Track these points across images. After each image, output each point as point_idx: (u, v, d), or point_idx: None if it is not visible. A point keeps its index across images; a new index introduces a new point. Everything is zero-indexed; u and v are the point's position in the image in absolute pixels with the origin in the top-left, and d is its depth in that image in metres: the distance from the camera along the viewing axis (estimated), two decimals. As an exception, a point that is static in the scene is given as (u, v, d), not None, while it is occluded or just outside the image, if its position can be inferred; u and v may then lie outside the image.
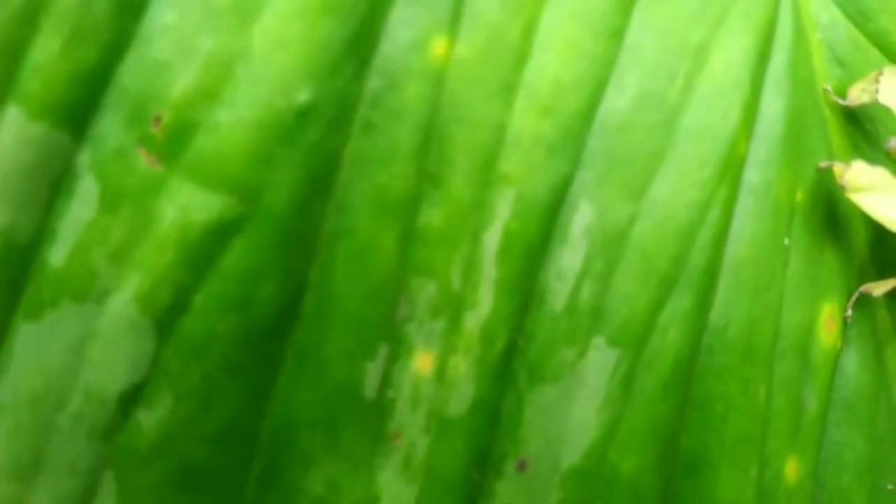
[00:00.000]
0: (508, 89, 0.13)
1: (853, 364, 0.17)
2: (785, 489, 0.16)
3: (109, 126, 0.12)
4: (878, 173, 0.15)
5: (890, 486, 0.17)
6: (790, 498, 0.16)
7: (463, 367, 0.14)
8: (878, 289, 0.16)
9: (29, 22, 0.11)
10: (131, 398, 0.12)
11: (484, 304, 0.14)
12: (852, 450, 0.17)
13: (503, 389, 0.14)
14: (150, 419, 0.12)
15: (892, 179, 0.15)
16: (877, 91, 0.16)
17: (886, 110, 0.16)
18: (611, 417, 0.14)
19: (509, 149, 0.13)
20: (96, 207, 0.12)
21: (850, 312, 0.16)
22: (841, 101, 0.16)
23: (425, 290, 0.13)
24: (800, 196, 0.16)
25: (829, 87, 0.16)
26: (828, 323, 0.16)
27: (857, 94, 0.16)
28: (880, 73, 0.16)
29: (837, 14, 0.17)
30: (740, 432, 0.15)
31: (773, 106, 0.16)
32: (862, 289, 0.16)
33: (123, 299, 0.12)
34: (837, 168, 0.15)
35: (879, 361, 0.17)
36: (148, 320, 0.12)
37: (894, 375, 0.18)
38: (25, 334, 0.12)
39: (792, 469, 0.16)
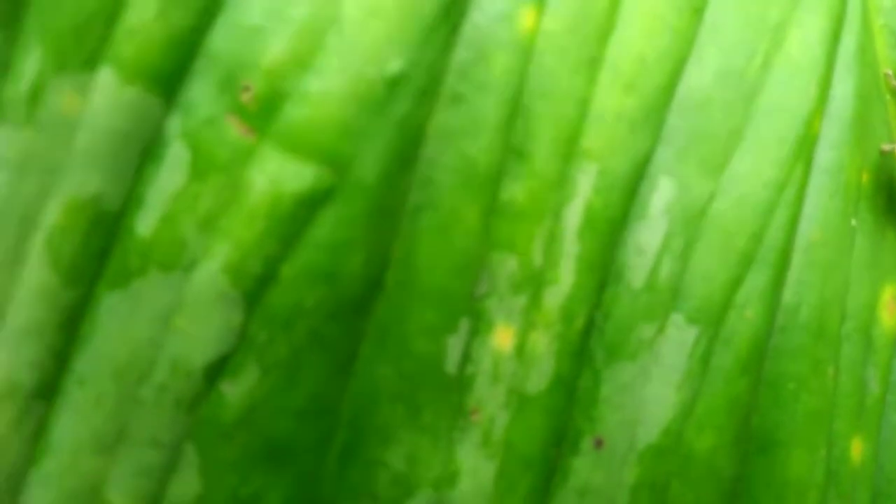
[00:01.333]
0: (593, 64, 0.13)
1: (912, 347, 0.16)
2: (850, 469, 0.15)
3: (200, 93, 0.11)
4: None
5: (945, 469, 0.17)
6: (855, 478, 0.15)
7: (542, 343, 0.13)
8: None
9: (126, -17, 0.10)
10: (217, 370, 0.12)
11: (564, 281, 0.13)
12: (910, 432, 0.16)
13: (581, 367, 0.13)
14: (235, 391, 0.12)
15: None
16: None
17: None
18: (688, 395, 0.14)
19: (592, 124, 0.13)
20: (186, 175, 0.11)
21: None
22: None
23: (506, 266, 0.13)
24: (865, 178, 0.15)
25: (889, 72, 0.16)
26: (889, 305, 0.16)
27: None
28: None
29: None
30: (811, 412, 0.15)
31: (843, 87, 0.15)
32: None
33: (212, 269, 0.11)
34: None
35: (937, 345, 0.17)
36: (236, 291, 0.11)
37: (951, 358, 0.17)
38: (111, 304, 0.11)
39: (857, 450, 0.15)
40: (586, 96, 0.13)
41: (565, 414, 0.13)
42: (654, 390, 0.13)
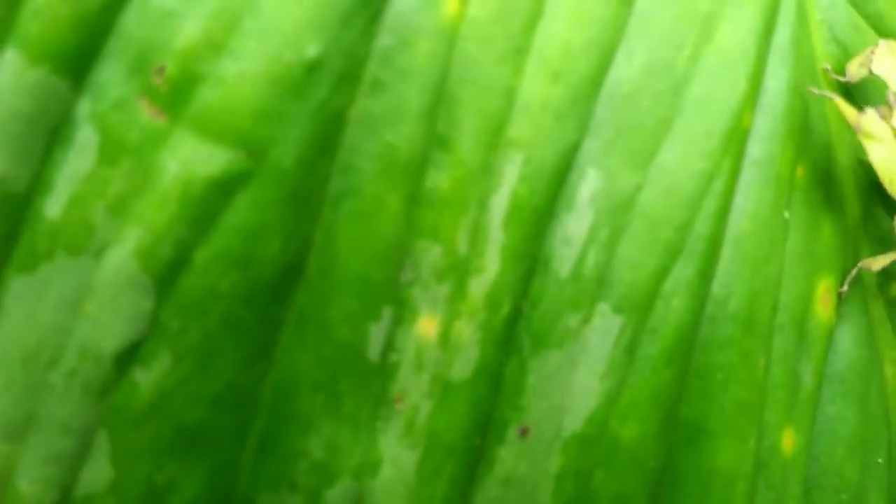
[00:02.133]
0: (519, 52, 0.13)
1: (846, 340, 0.16)
2: (781, 460, 0.15)
3: (111, 75, 0.11)
4: (885, 128, 0.15)
5: (880, 461, 0.17)
6: (786, 469, 0.15)
7: (467, 332, 0.13)
8: (876, 264, 0.15)
9: (29, -39, 0.10)
10: (128, 356, 0.12)
11: (490, 269, 0.13)
12: (845, 424, 0.16)
13: (507, 355, 0.13)
14: (146, 378, 0.12)
15: (893, 139, 0.15)
16: (871, 62, 0.15)
17: (881, 90, 0.16)
18: (613, 384, 0.13)
19: (518, 113, 0.13)
20: (95, 158, 0.11)
21: (846, 288, 0.16)
22: (840, 78, 0.16)
23: (431, 254, 0.13)
24: (800, 172, 0.15)
25: (828, 66, 0.16)
26: (824, 298, 0.16)
27: (856, 70, 0.15)
28: (875, 47, 0.15)
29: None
30: (740, 402, 0.15)
31: (776, 80, 0.15)
32: (861, 264, 0.15)
33: (122, 254, 0.11)
34: (849, 112, 0.15)
35: (871, 338, 0.17)
36: (147, 276, 0.11)
37: (885, 352, 0.17)
38: (18, 287, 0.11)
39: (788, 441, 0.15)
40: (512, 85, 0.13)
41: (490, 402, 0.13)
42: (579, 379, 0.13)
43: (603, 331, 0.13)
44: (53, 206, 0.11)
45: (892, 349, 0.17)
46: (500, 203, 0.13)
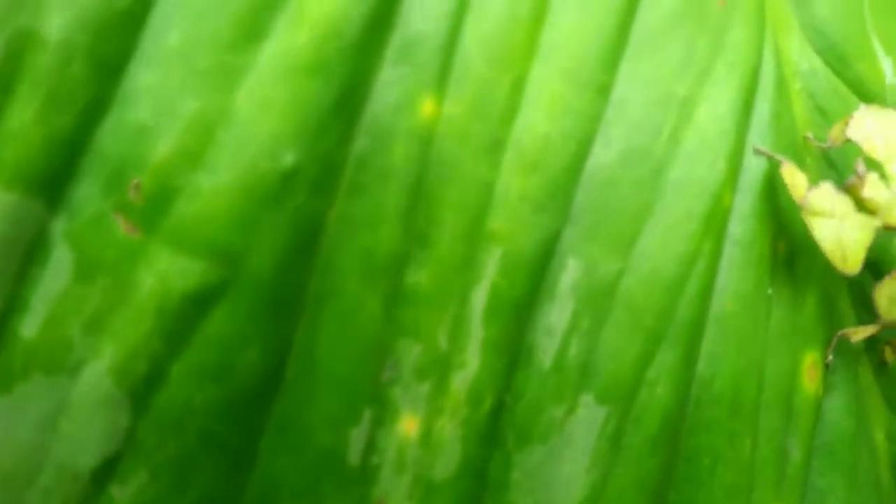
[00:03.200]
0: (497, 146, 0.13)
1: (836, 410, 0.17)
2: (771, 540, 0.16)
3: (86, 192, 0.11)
4: (843, 201, 0.15)
5: (871, 531, 0.17)
6: (776, 549, 0.16)
7: (449, 429, 0.13)
8: (857, 334, 0.16)
9: (3, 88, 0.10)
10: (105, 473, 0.12)
11: (471, 364, 0.13)
12: (835, 496, 0.17)
13: (491, 451, 0.14)
14: (123, 495, 0.12)
15: (852, 213, 0.15)
16: (847, 126, 0.16)
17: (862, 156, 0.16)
18: (599, 476, 0.14)
19: (497, 206, 0.13)
20: (71, 277, 0.11)
21: (830, 358, 0.16)
22: (822, 145, 0.16)
23: (412, 352, 0.13)
24: (781, 247, 0.16)
25: (810, 135, 0.16)
26: (810, 371, 0.16)
27: (837, 135, 0.16)
28: (852, 115, 0.16)
29: (817, 62, 0.17)
30: (728, 485, 0.15)
31: (756, 157, 0.16)
32: (840, 333, 0.16)
33: (98, 371, 0.11)
34: (797, 187, 0.15)
35: (860, 407, 0.17)
36: (123, 392, 0.12)
37: (875, 421, 0.18)
38: (-6, 408, 0.12)
39: (777, 520, 0.16)
40: (490, 179, 0.13)
41: (475, 499, 0.14)
42: (565, 472, 0.14)
43: (587, 422, 0.14)
44: (29, 326, 0.11)
45: (881, 416, 0.18)
46: (480, 297, 0.13)
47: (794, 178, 0.15)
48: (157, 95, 0.11)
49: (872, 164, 0.16)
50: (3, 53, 0.10)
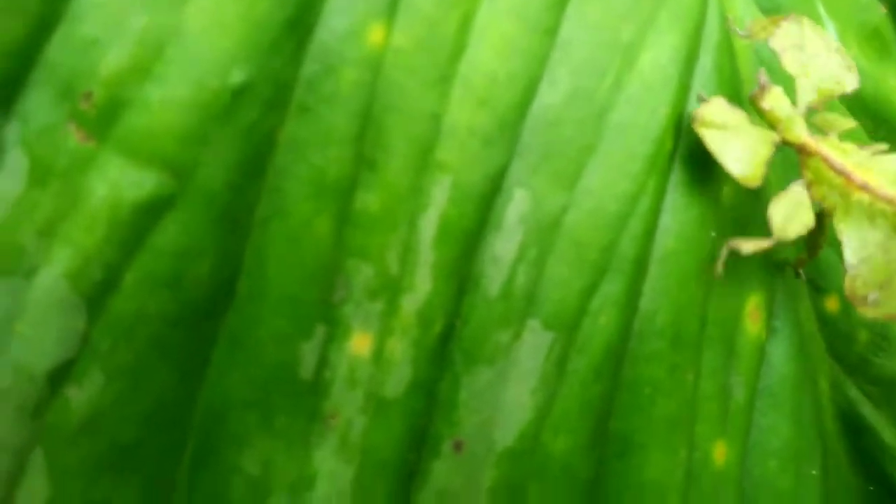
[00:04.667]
0: (444, 80, 0.12)
1: (779, 354, 0.16)
2: (712, 472, 0.15)
3: (39, 101, 0.10)
4: (737, 115, 0.14)
5: (815, 472, 0.16)
6: (718, 481, 0.15)
7: (400, 348, 0.13)
8: (747, 246, 0.14)
9: (-47, -8, 0.10)
10: (61, 375, 0.11)
11: (421, 288, 0.13)
12: (778, 437, 0.16)
13: (440, 371, 0.13)
14: (79, 397, 0.11)
15: (748, 125, 0.14)
16: (773, 32, 0.14)
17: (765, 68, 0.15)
18: (544, 399, 0.13)
19: (446, 138, 0.13)
20: (25, 182, 0.11)
21: (720, 269, 0.14)
22: (741, 33, 0.15)
23: (362, 273, 0.12)
24: (727, 192, 0.15)
25: (731, 18, 0.15)
26: (753, 314, 0.15)
27: (757, 31, 0.15)
28: (783, 19, 0.14)
29: (759, 16, 0.16)
30: (668, 415, 0.14)
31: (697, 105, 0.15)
32: (730, 244, 0.14)
33: (52, 275, 0.11)
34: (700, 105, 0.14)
35: (803, 352, 0.16)
36: (78, 297, 0.11)
37: (818, 366, 0.17)
38: (-48, 310, 0.11)
39: (720, 453, 0.15)
40: (438, 111, 0.12)
41: (424, 418, 0.13)
42: (511, 394, 0.13)
43: (533, 347, 0.13)
44: (-17, 229, 0.11)
45: (824, 362, 0.17)
46: (429, 224, 0.13)
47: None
48: (107, 10, 0.10)
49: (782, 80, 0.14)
50: (-43, -39, 0.10)
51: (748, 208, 0.15)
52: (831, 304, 0.17)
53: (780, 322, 0.16)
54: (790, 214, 0.14)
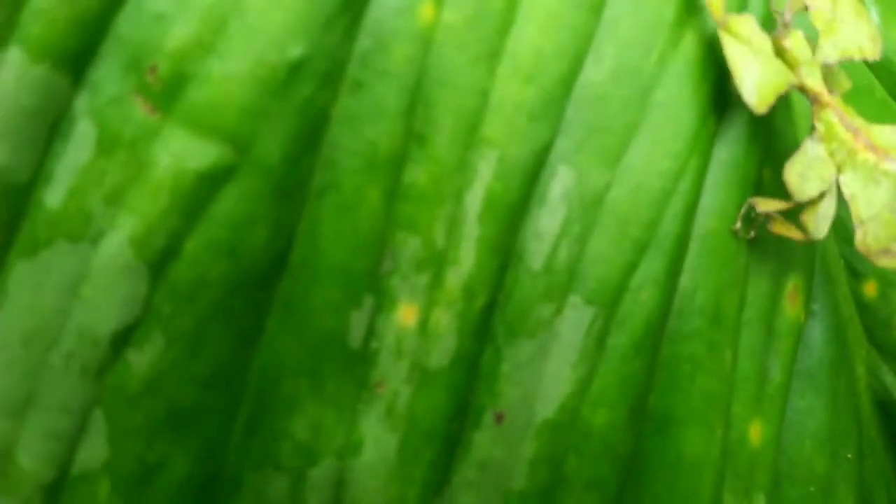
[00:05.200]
0: (492, 56, 0.13)
1: (817, 337, 0.16)
2: (749, 451, 0.15)
3: (107, 73, 0.11)
4: (762, 39, 0.14)
5: (850, 456, 0.17)
6: (754, 459, 0.15)
7: (445, 320, 0.13)
8: (766, 205, 0.14)
9: (30, -33, 0.10)
10: (123, 339, 0.12)
11: (466, 261, 0.13)
12: (814, 418, 0.16)
13: (483, 344, 0.13)
14: (140, 360, 0.12)
15: (770, 54, 0.14)
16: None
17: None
18: (585, 373, 0.14)
19: (492, 113, 0.13)
20: (93, 151, 0.11)
21: (739, 225, 0.15)
22: (779, 10, 0.15)
23: (409, 246, 0.13)
24: (767, 174, 0.15)
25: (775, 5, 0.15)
26: (792, 296, 0.16)
27: (796, 1, 0.15)
28: None
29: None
30: (707, 393, 0.14)
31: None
32: (750, 200, 0.15)
33: (118, 241, 0.11)
34: (716, 7, 0.14)
35: (841, 336, 0.17)
36: (141, 263, 0.11)
37: (855, 350, 0.17)
38: (20, 272, 0.11)
39: (756, 432, 0.15)
40: (486, 87, 0.13)
41: (467, 389, 0.13)
42: (552, 367, 0.13)
43: (574, 321, 0.13)
44: (54, 196, 0.11)
45: (862, 347, 0.17)
46: (475, 198, 0.13)
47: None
48: (175, -14, 0.11)
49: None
50: (33, -63, 0.10)
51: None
52: (869, 290, 0.17)
53: (818, 305, 0.16)
54: (806, 171, 0.14)
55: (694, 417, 0.14)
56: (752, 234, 0.15)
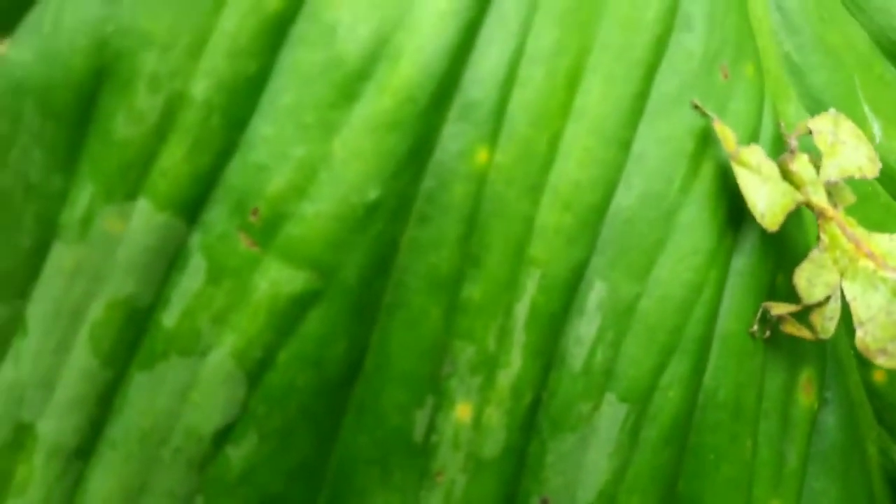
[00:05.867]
0: (536, 189, 0.15)
1: (830, 423, 0.18)
2: (769, 531, 0.17)
3: (217, 215, 0.13)
4: (770, 166, 0.16)
5: (862, 532, 0.18)
6: (775, 539, 0.17)
7: (496, 416, 0.15)
8: (778, 308, 0.16)
9: (160, 135, 0.13)
10: (223, 436, 0.14)
11: (514, 364, 0.15)
12: (829, 498, 0.18)
13: (529, 437, 0.15)
14: (237, 454, 0.14)
15: (777, 178, 0.16)
16: (813, 120, 0.16)
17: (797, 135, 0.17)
18: (620, 463, 0.15)
19: (537, 237, 0.15)
20: (203, 280, 0.13)
21: (756, 328, 0.16)
22: (786, 133, 0.17)
23: (466, 352, 0.15)
24: (780, 279, 0.17)
25: (782, 123, 0.17)
26: (806, 386, 0.17)
27: (801, 128, 0.17)
28: (825, 113, 0.16)
29: (803, 114, 0.18)
30: (730, 478, 0.16)
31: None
32: (764, 305, 0.16)
33: (222, 354, 0.13)
34: (728, 141, 0.15)
35: (852, 420, 0.18)
36: (241, 372, 0.13)
37: (866, 433, 0.18)
38: (139, 382, 0.13)
39: (775, 513, 0.17)
40: (531, 215, 0.15)
41: (516, 477, 0.15)
42: (591, 457, 0.15)
43: (611, 417, 0.15)
44: (169, 317, 0.13)
45: (872, 430, 0.19)
46: (522, 310, 0.15)
47: (725, 132, 0.15)
48: (273, 143, 0.13)
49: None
50: (161, 110, 0.12)
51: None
52: (879, 376, 0.18)
53: (830, 393, 0.18)
54: (813, 277, 0.16)
55: (719, 501, 0.16)
56: (768, 333, 0.17)
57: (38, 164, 0.12)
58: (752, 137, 0.17)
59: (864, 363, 0.19)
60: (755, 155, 0.16)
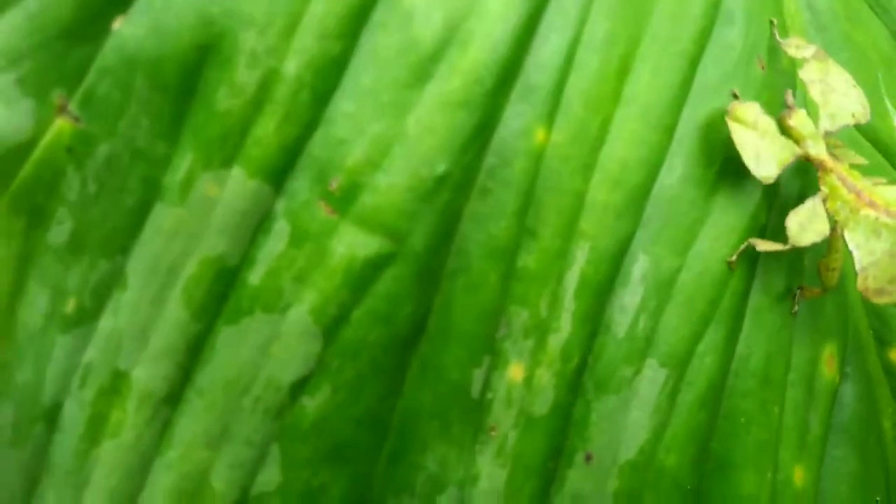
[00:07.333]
0: (588, 167, 0.16)
1: (849, 396, 0.19)
2: (793, 492, 0.18)
3: (301, 184, 0.14)
4: (767, 121, 0.16)
5: (878, 499, 0.19)
6: (798, 500, 0.18)
7: (546, 377, 0.16)
8: (764, 246, 0.16)
9: (256, 107, 0.13)
10: (299, 387, 0.14)
11: (564, 329, 0.16)
12: (848, 466, 0.19)
13: (576, 397, 0.16)
14: (311, 404, 0.15)
15: (776, 133, 0.16)
16: (805, 58, 0.16)
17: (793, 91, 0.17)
18: (659, 423, 0.16)
19: (587, 212, 0.16)
20: (286, 243, 0.14)
21: (734, 258, 0.16)
22: (783, 43, 0.17)
23: (520, 316, 0.15)
24: (807, 260, 0.18)
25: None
26: (829, 361, 0.18)
27: (793, 49, 0.17)
28: (812, 55, 0.16)
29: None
30: (759, 441, 0.17)
31: (788, 187, 0.18)
32: (750, 241, 0.17)
33: (301, 311, 0.14)
34: (734, 101, 0.15)
35: (870, 396, 0.19)
36: (317, 328, 0.14)
37: (883, 409, 0.19)
38: (225, 335, 0.14)
39: (799, 476, 0.18)
40: (582, 191, 0.16)
41: (562, 433, 0.16)
42: (632, 418, 0.16)
43: (651, 380, 0.16)
44: (255, 276, 0.14)
45: (889, 406, 0.20)
46: (572, 279, 0.16)
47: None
48: (353, 119, 0.14)
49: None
50: (258, 84, 0.13)
51: (823, 276, 0.18)
52: (895, 356, 0.19)
53: (850, 368, 0.19)
54: (806, 223, 0.16)
55: (748, 461, 0.17)
56: (796, 308, 0.17)
57: (145, 131, 0.13)
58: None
59: (883, 343, 0.19)
60: (751, 111, 0.16)
